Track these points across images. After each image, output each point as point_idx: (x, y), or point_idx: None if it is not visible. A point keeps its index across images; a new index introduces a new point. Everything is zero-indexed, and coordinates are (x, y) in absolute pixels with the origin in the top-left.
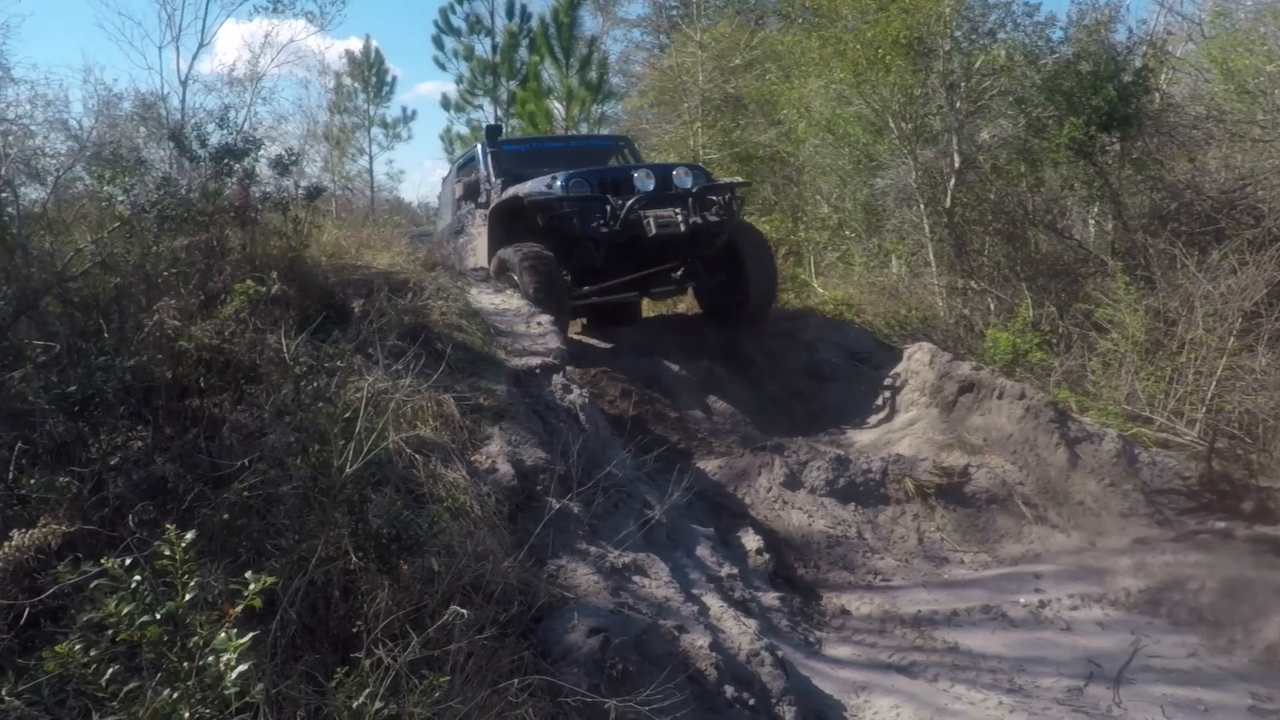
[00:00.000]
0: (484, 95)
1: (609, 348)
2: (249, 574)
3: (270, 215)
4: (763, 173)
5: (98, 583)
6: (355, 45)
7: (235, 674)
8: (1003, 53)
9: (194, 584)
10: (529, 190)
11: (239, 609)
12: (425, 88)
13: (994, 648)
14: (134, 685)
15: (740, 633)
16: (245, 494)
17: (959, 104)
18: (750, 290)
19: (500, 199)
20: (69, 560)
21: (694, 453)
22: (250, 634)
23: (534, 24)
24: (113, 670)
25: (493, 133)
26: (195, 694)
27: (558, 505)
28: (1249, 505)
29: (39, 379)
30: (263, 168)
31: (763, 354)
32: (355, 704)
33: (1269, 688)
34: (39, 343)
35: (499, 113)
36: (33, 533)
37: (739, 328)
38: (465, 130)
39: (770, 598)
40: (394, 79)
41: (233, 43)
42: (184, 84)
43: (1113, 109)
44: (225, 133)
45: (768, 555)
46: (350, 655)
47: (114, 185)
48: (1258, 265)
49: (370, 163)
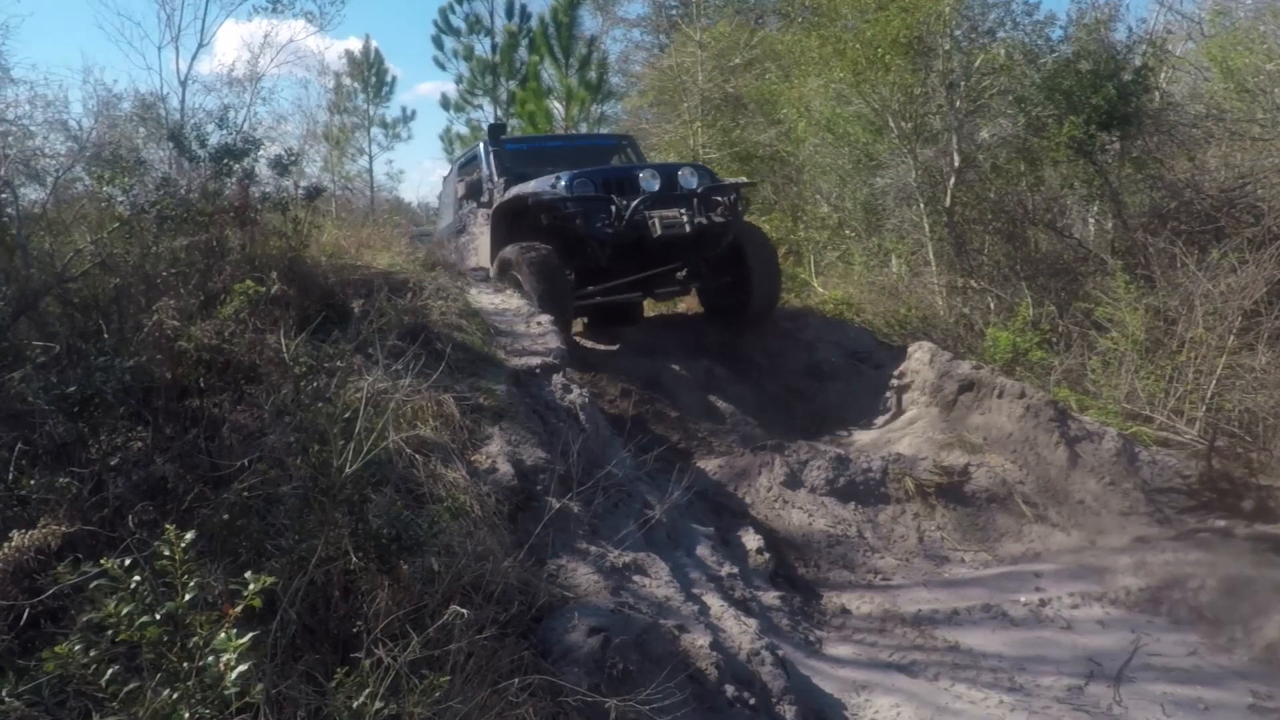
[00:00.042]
0: (484, 95)
1: (609, 348)
2: (249, 574)
3: (270, 215)
4: (762, 172)
5: (97, 583)
6: (355, 45)
7: (235, 674)
8: (1002, 52)
9: (194, 584)
10: (533, 190)
11: (239, 609)
12: (425, 88)
13: (994, 646)
14: (134, 686)
15: (741, 632)
16: (245, 494)
17: (959, 103)
18: (754, 291)
19: (503, 198)
20: (69, 561)
21: (694, 452)
22: (250, 634)
23: (534, 24)
24: (113, 671)
25: (495, 131)
26: (195, 694)
27: (558, 505)
28: (1249, 504)
29: (39, 379)
30: (262, 168)
31: (763, 354)
32: (355, 704)
33: (1269, 686)
34: (39, 343)
35: (499, 113)
36: (33, 533)
37: (742, 328)
38: (465, 130)
39: (770, 597)
40: (394, 79)
41: (232, 43)
42: (183, 84)
43: (1112, 108)
44: (225, 133)
45: (768, 554)
46: (350, 655)
47: (113, 186)
48: (1258, 264)
49: (370, 163)
